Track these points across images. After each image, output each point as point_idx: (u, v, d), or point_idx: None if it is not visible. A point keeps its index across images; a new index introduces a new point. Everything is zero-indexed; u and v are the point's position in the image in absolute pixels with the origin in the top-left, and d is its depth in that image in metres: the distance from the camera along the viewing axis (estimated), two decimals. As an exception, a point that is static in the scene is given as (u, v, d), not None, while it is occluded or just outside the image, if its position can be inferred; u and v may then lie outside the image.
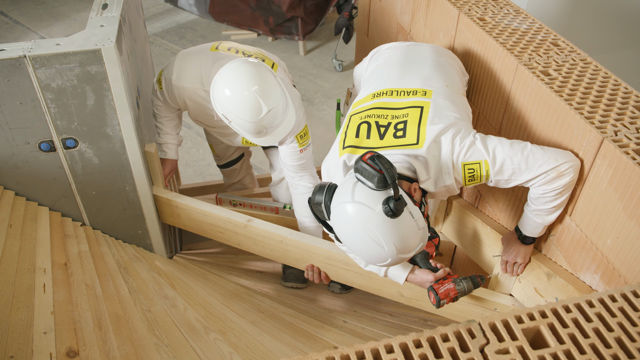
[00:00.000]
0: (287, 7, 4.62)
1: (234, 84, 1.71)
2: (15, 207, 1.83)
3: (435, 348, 0.84)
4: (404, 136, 1.43)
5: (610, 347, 0.84)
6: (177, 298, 1.91)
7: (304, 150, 2.05)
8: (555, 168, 1.36)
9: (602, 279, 1.39)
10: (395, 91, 1.55)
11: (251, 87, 1.69)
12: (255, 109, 1.70)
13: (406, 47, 1.80)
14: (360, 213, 1.26)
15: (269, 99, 1.71)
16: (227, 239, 2.12)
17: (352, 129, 1.50)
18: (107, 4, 1.92)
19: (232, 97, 1.71)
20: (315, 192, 1.40)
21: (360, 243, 1.29)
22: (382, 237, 1.26)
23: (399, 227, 1.26)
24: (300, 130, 2.00)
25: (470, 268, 2.16)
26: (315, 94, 4.36)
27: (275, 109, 1.73)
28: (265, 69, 1.77)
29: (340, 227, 1.33)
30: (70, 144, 1.82)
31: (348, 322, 2.14)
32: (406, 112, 1.47)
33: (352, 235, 1.30)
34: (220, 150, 2.53)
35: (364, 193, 1.26)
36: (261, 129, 1.76)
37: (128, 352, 1.53)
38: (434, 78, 1.59)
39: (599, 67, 1.57)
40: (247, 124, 1.74)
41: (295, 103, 1.94)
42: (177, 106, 2.06)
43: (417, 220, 1.29)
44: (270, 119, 1.74)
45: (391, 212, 1.23)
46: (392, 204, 1.23)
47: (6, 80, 1.63)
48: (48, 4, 5.86)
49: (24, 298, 1.48)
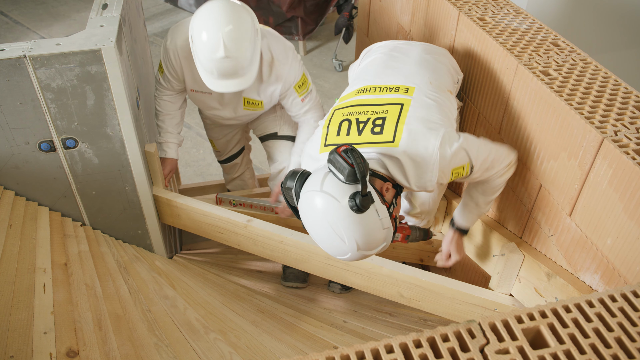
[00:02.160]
0: (287, 7, 4.63)
1: (209, 19, 1.71)
2: (15, 207, 1.83)
3: (435, 348, 0.84)
4: (380, 133, 1.42)
5: (610, 347, 0.84)
6: (177, 298, 1.91)
7: (305, 98, 2.09)
8: (510, 162, 1.55)
9: (602, 279, 1.39)
10: (378, 87, 1.55)
11: (224, 27, 1.69)
12: (215, 48, 1.70)
13: (396, 45, 1.80)
14: (326, 204, 1.25)
15: (235, 43, 1.71)
16: (227, 239, 2.12)
17: (334, 126, 1.50)
18: (107, 4, 1.92)
19: (201, 30, 1.72)
20: (288, 178, 1.39)
21: (322, 233, 1.30)
22: (344, 231, 1.25)
23: (363, 223, 1.25)
24: (298, 81, 2.03)
25: (470, 267, 2.17)
26: (315, 94, 4.36)
27: (238, 56, 1.72)
28: (246, 14, 1.77)
29: (305, 215, 1.33)
30: (70, 144, 1.82)
31: (348, 322, 2.14)
32: (386, 109, 1.47)
33: (315, 225, 1.31)
34: (221, 145, 2.53)
35: (333, 184, 1.26)
36: (220, 71, 1.76)
37: (128, 352, 1.53)
38: (417, 75, 1.58)
39: (599, 67, 1.57)
40: (206, 61, 1.74)
41: (289, 55, 1.98)
42: (178, 80, 2.03)
43: (382, 219, 1.28)
44: (230, 65, 1.73)
45: (356, 207, 1.23)
46: (358, 199, 1.22)
47: (6, 80, 1.63)
48: (48, 4, 5.86)
49: (24, 298, 1.48)
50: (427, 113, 1.44)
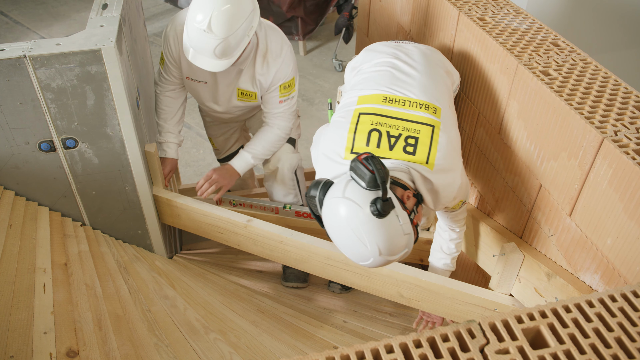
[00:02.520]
0: (287, 7, 4.62)
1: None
2: (15, 207, 1.83)
3: (435, 348, 0.84)
4: (413, 153, 1.48)
5: (610, 347, 0.84)
6: (177, 298, 1.91)
7: (283, 102, 2.08)
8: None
9: (602, 279, 1.39)
10: (403, 100, 1.57)
11: (219, 7, 1.71)
12: (201, 20, 1.71)
13: (399, 49, 1.79)
14: (348, 209, 1.28)
15: (222, 25, 1.71)
16: (227, 239, 2.12)
17: (362, 133, 1.51)
18: (107, 4, 1.92)
19: (198, 2, 1.73)
20: (311, 187, 1.43)
21: (346, 239, 1.32)
22: (366, 236, 1.28)
23: (384, 228, 1.28)
24: (286, 81, 2.02)
25: (470, 268, 2.16)
26: (315, 94, 4.36)
27: (220, 36, 1.73)
28: (247, 5, 1.78)
29: (328, 222, 1.36)
30: (70, 144, 1.82)
31: (348, 322, 2.14)
32: (418, 128, 1.51)
33: (338, 231, 1.33)
34: (220, 143, 2.54)
35: (354, 191, 1.29)
36: (198, 44, 1.76)
37: (128, 352, 1.53)
38: (434, 89, 1.63)
39: (599, 67, 1.57)
40: (191, 30, 1.75)
41: (284, 51, 1.98)
42: (177, 67, 2.03)
43: (403, 225, 1.31)
44: (209, 42, 1.74)
45: (377, 212, 1.25)
46: (379, 204, 1.25)
47: (6, 80, 1.63)
48: (48, 4, 5.86)
49: (24, 298, 1.48)
50: (454, 154, 1.53)
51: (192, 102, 3.79)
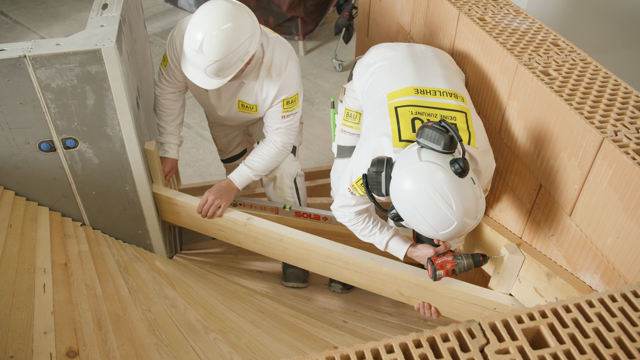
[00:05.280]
0: (287, 7, 4.62)
1: (204, 16, 1.72)
2: (15, 207, 1.83)
3: (435, 348, 0.84)
4: None
5: (610, 347, 0.84)
6: (177, 298, 1.91)
7: (286, 117, 2.04)
8: None
9: (602, 279, 1.39)
10: (432, 90, 1.59)
11: (221, 25, 1.69)
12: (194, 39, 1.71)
13: (408, 47, 1.82)
14: (430, 171, 1.29)
15: (213, 47, 1.70)
16: (227, 237, 2.12)
17: (405, 122, 1.51)
18: (107, 4, 1.92)
19: (193, 19, 1.73)
20: (374, 164, 1.42)
21: (429, 204, 1.30)
22: (451, 195, 1.27)
23: (467, 187, 1.30)
24: (289, 97, 1.99)
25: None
26: (315, 94, 4.36)
27: (211, 58, 1.71)
28: (248, 16, 1.76)
29: (405, 190, 1.33)
30: (70, 144, 1.82)
31: (348, 322, 2.14)
32: (453, 115, 1.53)
33: (418, 197, 1.31)
34: (223, 144, 2.54)
35: (430, 154, 1.31)
36: (192, 60, 1.76)
37: (128, 352, 1.53)
38: (456, 82, 1.66)
39: (599, 67, 1.57)
40: (187, 48, 1.75)
41: (289, 65, 1.95)
42: (180, 70, 2.02)
43: (476, 187, 1.33)
44: (201, 61, 1.73)
45: (461, 169, 1.26)
46: (461, 162, 1.26)
47: (6, 80, 1.63)
48: (48, 4, 5.86)
49: (24, 298, 1.48)
50: (482, 139, 1.55)
51: (192, 102, 3.79)
